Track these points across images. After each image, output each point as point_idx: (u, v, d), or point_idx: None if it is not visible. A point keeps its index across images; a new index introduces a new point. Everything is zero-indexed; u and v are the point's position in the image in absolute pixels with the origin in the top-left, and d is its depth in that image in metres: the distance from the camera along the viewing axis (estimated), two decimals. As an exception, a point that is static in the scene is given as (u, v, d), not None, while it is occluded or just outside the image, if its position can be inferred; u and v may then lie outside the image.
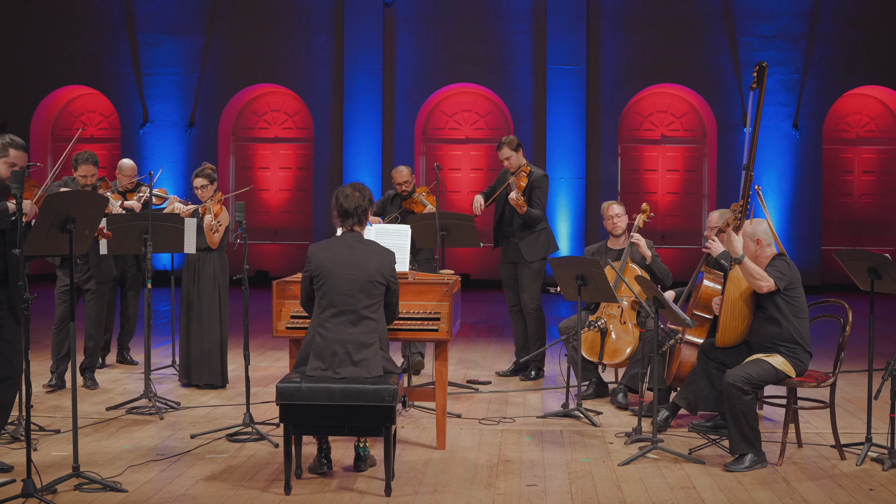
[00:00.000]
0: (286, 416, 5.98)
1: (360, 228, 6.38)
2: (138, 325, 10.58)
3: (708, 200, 19.19)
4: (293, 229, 19.88)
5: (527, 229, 9.54)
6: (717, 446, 7.10)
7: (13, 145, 6.24)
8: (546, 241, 9.62)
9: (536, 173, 9.58)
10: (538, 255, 9.57)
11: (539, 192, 9.54)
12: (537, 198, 9.52)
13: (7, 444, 6.97)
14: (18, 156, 6.25)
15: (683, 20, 18.71)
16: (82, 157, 8.82)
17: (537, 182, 9.55)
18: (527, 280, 9.61)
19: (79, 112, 20.37)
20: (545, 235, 9.63)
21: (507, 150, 9.56)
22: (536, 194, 9.53)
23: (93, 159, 8.84)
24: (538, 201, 9.52)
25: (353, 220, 6.35)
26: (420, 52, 19.09)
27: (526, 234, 9.56)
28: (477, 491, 6.10)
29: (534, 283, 9.62)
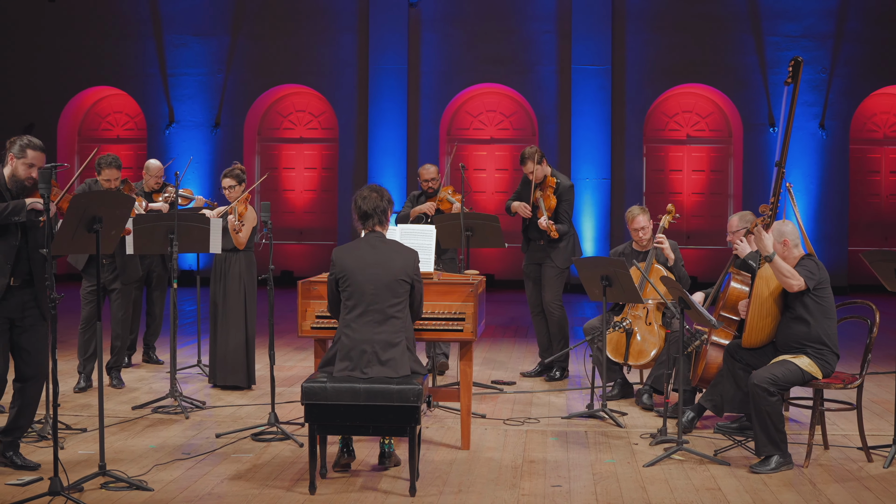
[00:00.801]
0: (311, 416, 5.99)
1: (381, 228, 6.39)
2: (164, 325, 10.63)
3: (733, 201, 19.10)
4: (318, 229, 19.92)
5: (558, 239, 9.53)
6: (742, 448, 7.06)
7: (31, 146, 6.28)
8: (572, 249, 9.61)
9: (562, 185, 9.53)
10: (567, 262, 9.59)
11: (565, 204, 9.51)
12: (563, 210, 9.50)
13: (34, 442, 7.02)
14: (36, 156, 6.29)
15: (709, 20, 18.64)
16: (105, 160, 8.82)
17: (564, 195, 9.52)
18: (549, 280, 9.59)
19: (105, 113, 20.48)
20: (572, 242, 9.63)
21: (530, 164, 9.49)
22: (563, 207, 9.50)
23: (116, 163, 8.85)
24: (564, 214, 9.50)
25: (373, 220, 6.36)
26: (445, 53, 19.09)
27: (556, 243, 9.55)
28: (501, 491, 6.10)
29: (556, 284, 9.60)
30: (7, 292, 6.22)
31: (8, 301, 6.24)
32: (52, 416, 6.12)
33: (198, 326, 10.25)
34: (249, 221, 8.97)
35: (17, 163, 6.25)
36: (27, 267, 6.28)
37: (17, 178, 6.26)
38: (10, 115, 19.44)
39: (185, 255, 17.08)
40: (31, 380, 6.41)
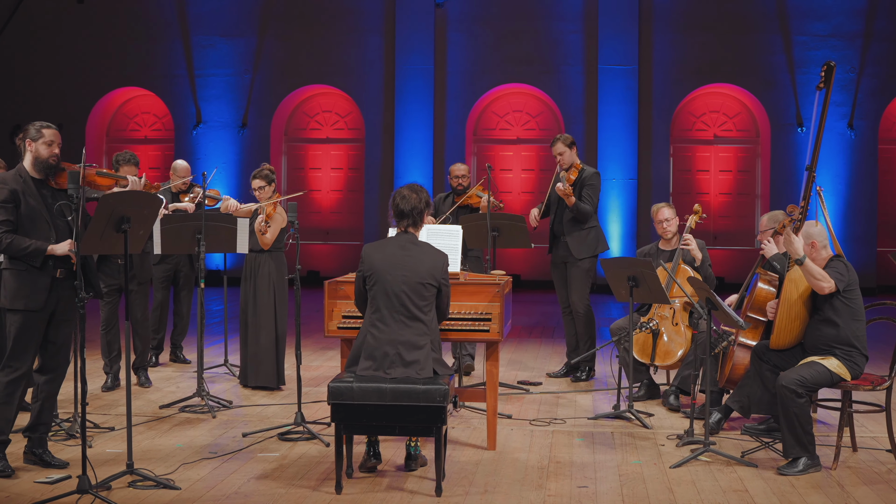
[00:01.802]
0: (337, 416, 6.00)
1: (414, 230, 6.38)
2: (191, 325, 10.67)
3: (761, 201, 19.01)
4: (345, 229, 19.96)
5: (576, 225, 9.50)
6: (770, 449, 7.03)
7: (44, 126, 6.36)
8: (595, 240, 9.57)
9: (588, 170, 9.56)
10: (586, 252, 9.52)
11: (590, 188, 9.51)
12: (587, 194, 9.49)
13: (63, 440, 7.06)
14: (53, 133, 6.36)
15: (736, 19, 18.56)
16: (123, 157, 8.85)
17: (588, 179, 9.52)
18: (575, 280, 9.57)
19: (133, 113, 20.59)
20: (595, 234, 9.59)
21: (560, 145, 9.55)
22: (587, 191, 9.50)
23: (134, 160, 8.86)
24: (588, 197, 9.48)
25: (407, 221, 6.36)
26: (471, 53, 19.09)
27: (574, 231, 9.52)
28: (527, 492, 6.09)
29: (583, 284, 9.57)
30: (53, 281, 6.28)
31: (52, 294, 6.30)
32: (80, 415, 6.16)
33: (225, 326, 10.28)
34: (277, 222, 8.98)
35: (37, 145, 6.29)
36: (69, 260, 6.32)
37: (40, 160, 6.30)
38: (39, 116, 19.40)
39: (212, 255, 17.15)
40: (53, 372, 6.47)
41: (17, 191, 6.22)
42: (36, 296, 6.24)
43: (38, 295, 6.24)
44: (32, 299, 6.24)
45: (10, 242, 6.15)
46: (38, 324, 6.29)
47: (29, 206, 6.25)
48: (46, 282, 6.26)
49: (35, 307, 6.25)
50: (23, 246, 6.16)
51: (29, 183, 6.29)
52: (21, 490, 6.00)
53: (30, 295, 6.24)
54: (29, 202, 6.25)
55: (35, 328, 6.29)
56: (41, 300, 6.25)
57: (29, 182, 6.29)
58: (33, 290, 6.23)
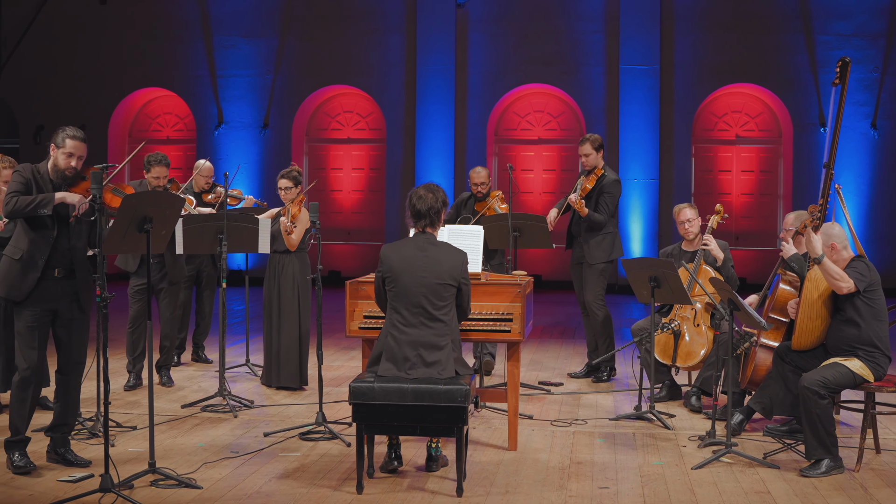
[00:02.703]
0: (359, 416, 6.00)
1: (432, 230, 6.36)
2: (213, 324, 10.71)
3: (783, 202, 18.93)
4: (366, 230, 19.99)
5: (592, 231, 9.51)
6: (792, 451, 7.00)
7: (70, 136, 6.31)
8: (610, 245, 9.56)
9: (609, 178, 9.52)
10: (600, 258, 9.52)
11: (608, 196, 9.48)
12: (604, 202, 9.47)
13: (86, 439, 7.09)
14: (76, 146, 6.32)
15: (758, 19, 18.48)
16: (155, 158, 8.91)
17: (607, 187, 9.49)
18: (589, 280, 9.56)
19: (155, 114, 20.68)
20: (610, 239, 9.57)
21: (588, 146, 9.53)
22: (604, 199, 9.48)
23: (165, 161, 8.93)
24: (604, 206, 9.46)
25: (425, 221, 6.33)
26: (492, 53, 19.09)
27: (591, 237, 9.52)
28: (548, 493, 6.08)
29: (596, 284, 9.57)
30: (50, 282, 6.29)
31: (49, 291, 6.30)
32: (103, 414, 6.18)
33: (246, 326, 10.31)
34: (302, 223, 9.00)
35: (58, 153, 6.30)
36: (69, 259, 6.34)
37: (57, 168, 6.31)
38: (62, 116, 19.63)
39: (233, 255, 17.21)
40: (72, 372, 6.50)
41: (30, 180, 6.25)
42: (20, 287, 6.25)
43: (22, 287, 6.25)
44: (14, 289, 6.26)
45: (16, 201, 6.14)
46: (36, 320, 6.30)
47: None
48: (34, 278, 6.26)
49: (15, 298, 6.28)
50: (29, 199, 6.14)
51: (45, 181, 6.30)
52: (44, 488, 6.03)
53: (13, 285, 6.26)
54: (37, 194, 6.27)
55: (33, 325, 6.30)
56: (22, 294, 6.26)
57: (45, 180, 6.31)
58: (18, 282, 6.25)
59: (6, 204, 6.17)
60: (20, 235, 6.30)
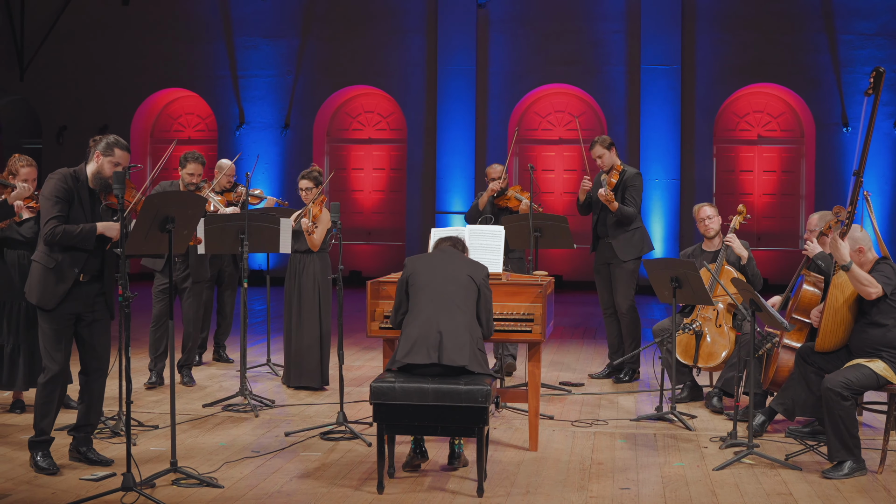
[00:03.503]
0: (379, 416, 6.01)
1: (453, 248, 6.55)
2: (234, 324, 10.74)
3: (805, 202, 18.84)
4: (386, 230, 20.00)
5: (620, 228, 9.47)
6: (814, 453, 6.96)
7: (118, 145, 6.36)
8: (640, 241, 9.53)
9: (629, 171, 9.53)
10: (631, 254, 9.48)
11: (633, 189, 9.47)
12: (630, 196, 9.45)
13: (108, 438, 7.13)
14: (123, 156, 6.38)
15: (781, 18, 18.40)
16: (191, 155, 9.03)
17: (630, 180, 9.48)
18: (620, 281, 9.53)
19: (177, 114, 20.76)
20: (639, 235, 9.54)
21: (599, 148, 9.52)
22: (630, 192, 9.46)
23: (201, 159, 9.06)
24: (631, 199, 9.45)
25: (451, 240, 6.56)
26: (513, 53, 19.08)
27: (619, 233, 9.49)
28: (569, 493, 6.07)
29: (627, 285, 9.53)
30: (74, 287, 6.32)
31: (75, 296, 6.33)
32: (125, 413, 6.21)
33: (267, 326, 10.33)
34: (324, 223, 9.02)
35: (104, 160, 6.33)
36: (99, 263, 6.37)
37: (101, 175, 6.34)
38: (85, 117, 19.78)
39: (255, 255, 17.25)
40: (95, 373, 6.52)
41: (72, 189, 6.29)
42: (49, 297, 6.27)
43: (52, 297, 6.27)
44: (45, 299, 6.28)
45: (63, 232, 6.18)
46: (61, 323, 6.32)
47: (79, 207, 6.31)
48: (65, 288, 6.28)
49: (45, 306, 6.29)
50: (75, 232, 6.19)
51: (83, 187, 6.35)
52: (67, 487, 6.06)
53: (43, 293, 6.28)
54: (78, 204, 6.31)
55: (59, 328, 6.32)
56: (52, 303, 6.27)
57: (84, 186, 6.35)
58: (49, 291, 6.27)
59: (48, 230, 6.19)
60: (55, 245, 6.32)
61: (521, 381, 9.15)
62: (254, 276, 17.06)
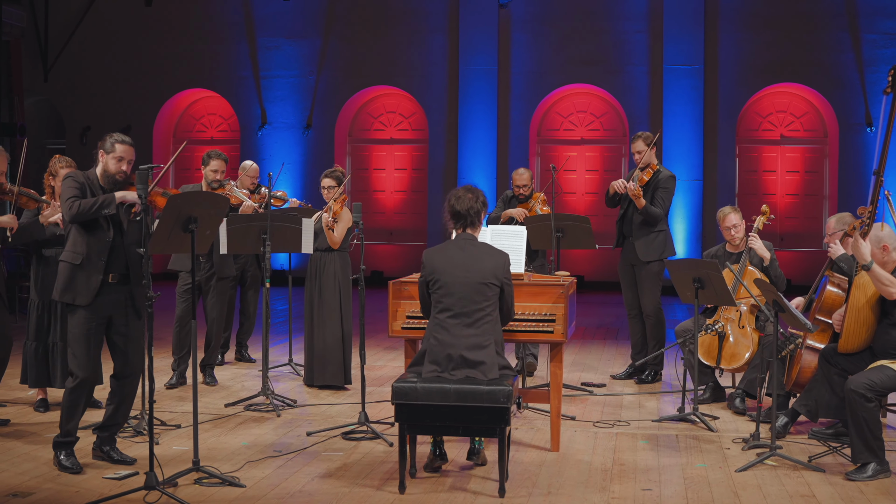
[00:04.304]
0: (401, 416, 6.01)
1: (472, 231, 6.36)
2: (256, 324, 10.77)
3: (829, 202, 18.74)
4: (408, 230, 20.02)
5: (644, 228, 9.44)
6: (838, 454, 6.93)
7: (119, 141, 6.43)
8: (663, 244, 9.49)
9: (664, 173, 9.49)
10: (653, 255, 9.44)
11: (663, 192, 9.44)
12: (660, 197, 9.42)
13: (131, 437, 7.16)
14: (125, 150, 6.42)
15: (804, 17, 18.30)
16: (214, 153, 9.12)
17: (663, 182, 9.45)
18: (645, 283, 9.51)
19: (199, 115, 20.83)
20: (663, 237, 9.51)
21: (641, 143, 9.49)
22: (660, 194, 9.43)
23: (223, 156, 9.16)
24: (660, 201, 9.42)
25: (464, 222, 6.33)
26: (535, 53, 19.05)
27: (642, 234, 9.46)
28: (591, 494, 6.06)
29: (653, 287, 9.51)
30: (103, 288, 6.35)
31: (105, 298, 6.35)
32: (148, 413, 6.24)
33: (289, 325, 10.36)
34: (344, 221, 9.04)
35: (108, 158, 6.38)
36: (124, 263, 6.40)
37: (108, 173, 6.39)
38: (108, 117, 19.86)
39: (277, 255, 17.29)
40: (127, 377, 6.54)
41: (84, 185, 6.33)
42: (85, 293, 6.30)
43: (87, 292, 6.30)
44: (81, 295, 6.30)
45: (79, 205, 6.21)
46: (92, 326, 6.34)
47: None
48: (98, 280, 6.31)
49: (81, 303, 6.30)
50: (90, 202, 6.22)
51: (95, 186, 6.38)
52: (90, 486, 6.09)
53: (78, 290, 6.30)
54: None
55: (90, 330, 6.34)
56: (89, 297, 6.30)
57: (96, 186, 6.39)
58: (83, 287, 6.30)
59: (67, 209, 6.23)
60: (77, 240, 6.34)
61: (543, 381, 9.14)
62: (276, 275, 17.10)
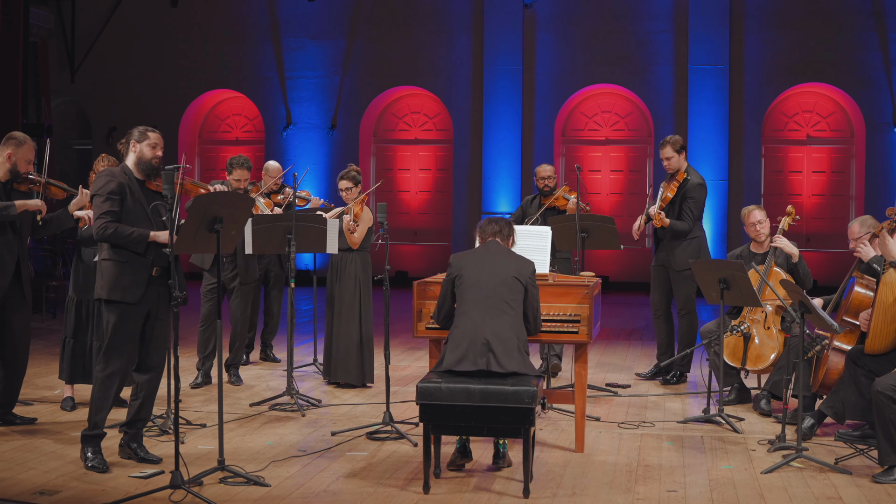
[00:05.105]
0: (426, 416, 6.01)
1: (501, 239, 6.48)
2: (281, 324, 10.79)
3: (856, 203, 18.64)
4: (433, 230, 20.03)
5: (678, 237, 9.40)
6: (864, 456, 6.88)
7: (149, 129, 6.52)
8: (696, 250, 9.39)
9: (692, 182, 9.38)
10: (685, 263, 9.37)
11: (692, 202, 9.35)
12: (688, 208, 9.34)
13: (156, 436, 7.19)
14: (157, 137, 6.51)
15: (830, 17, 18.19)
16: (237, 161, 9.11)
17: (691, 191, 9.36)
18: (679, 287, 9.47)
19: (225, 115, 20.90)
20: (696, 244, 9.42)
21: (669, 149, 9.44)
22: (688, 204, 9.35)
23: (247, 164, 9.14)
24: (688, 212, 9.34)
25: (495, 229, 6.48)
26: (559, 54, 19.03)
27: (676, 243, 9.41)
28: (616, 495, 6.05)
29: (688, 290, 9.46)
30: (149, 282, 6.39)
31: (149, 292, 6.40)
32: (173, 412, 6.26)
33: (314, 325, 10.38)
34: (365, 222, 9.07)
35: (141, 146, 6.44)
36: (165, 256, 6.44)
37: (144, 160, 6.44)
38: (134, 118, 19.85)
39: (301, 255, 17.33)
40: (152, 371, 6.58)
41: (123, 184, 6.37)
42: (134, 289, 6.33)
43: (136, 288, 6.33)
44: (130, 292, 6.33)
45: (115, 230, 6.25)
46: (134, 320, 6.38)
47: (134, 200, 6.38)
48: (145, 276, 6.35)
49: (131, 300, 6.33)
50: (126, 233, 6.26)
51: (133, 180, 6.43)
52: (116, 484, 6.12)
53: (127, 287, 6.33)
54: (133, 198, 6.39)
55: (131, 324, 6.38)
56: (138, 294, 6.33)
57: (133, 179, 6.43)
58: (132, 283, 6.33)
59: (98, 228, 6.26)
60: None
61: (568, 382, 9.13)
62: (300, 276, 17.15)
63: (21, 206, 7.30)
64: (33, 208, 7.39)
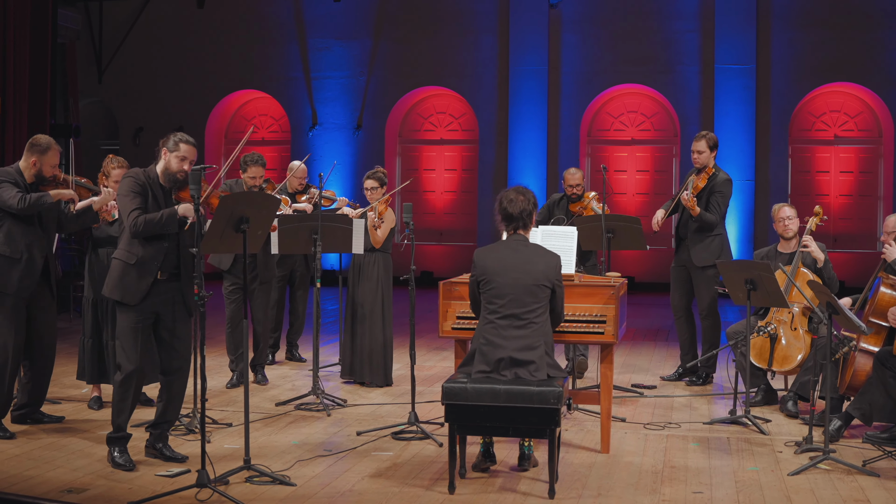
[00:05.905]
0: (451, 416, 6.02)
1: (524, 232, 6.37)
2: (307, 324, 10.82)
3: (884, 203, 18.50)
4: (458, 230, 20.02)
5: (700, 233, 9.37)
6: (892, 459, 6.84)
7: (184, 140, 6.47)
8: (718, 248, 9.39)
9: (720, 177, 9.39)
10: (707, 261, 9.36)
11: (719, 196, 9.35)
12: (715, 202, 9.34)
13: (182, 435, 7.22)
14: (189, 150, 6.46)
15: (858, 16, 18.05)
16: (251, 158, 9.10)
17: (718, 186, 9.36)
18: (701, 287, 9.45)
19: (251, 115, 20.97)
20: (718, 242, 9.42)
21: (703, 143, 9.42)
22: (715, 198, 9.35)
23: (261, 161, 9.11)
24: (716, 206, 9.33)
25: (517, 223, 6.35)
26: (585, 53, 18.98)
27: (698, 239, 9.39)
28: (641, 496, 6.03)
29: (709, 290, 9.44)
30: (153, 287, 6.41)
31: (155, 294, 6.43)
32: (199, 411, 6.29)
33: (340, 325, 10.39)
34: (388, 222, 9.09)
35: (171, 156, 6.43)
36: (176, 262, 6.47)
37: (169, 171, 6.44)
38: (160, 118, 20.05)
39: (327, 255, 17.36)
40: (176, 373, 6.61)
41: (145, 184, 6.40)
42: (133, 293, 6.37)
43: (135, 293, 6.37)
44: (129, 294, 6.37)
45: (145, 221, 6.29)
46: (140, 321, 6.41)
47: (154, 203, 6.41)
48: (148, 282, 6.38)
49: (129, 301, 6.38)
50: (155, 219, 6.29)
51: (155, 184, 6.45)
52: (143, 483, 6.16)
53: (127, 289, 6.38)
54: (154, 200, 6.41)
55: (138, 325, 6.41)
56: (137, 297, 6.37)
57: (156, 184, 6.45)
58: (133, 285, 6.37)
59: (131, 224, 6.30)
60: (133, 242, 6.40)
61: (593, 382, 9.11)
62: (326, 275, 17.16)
63: (56, 195, 7.33)
64: (67, 198, 7.42)
